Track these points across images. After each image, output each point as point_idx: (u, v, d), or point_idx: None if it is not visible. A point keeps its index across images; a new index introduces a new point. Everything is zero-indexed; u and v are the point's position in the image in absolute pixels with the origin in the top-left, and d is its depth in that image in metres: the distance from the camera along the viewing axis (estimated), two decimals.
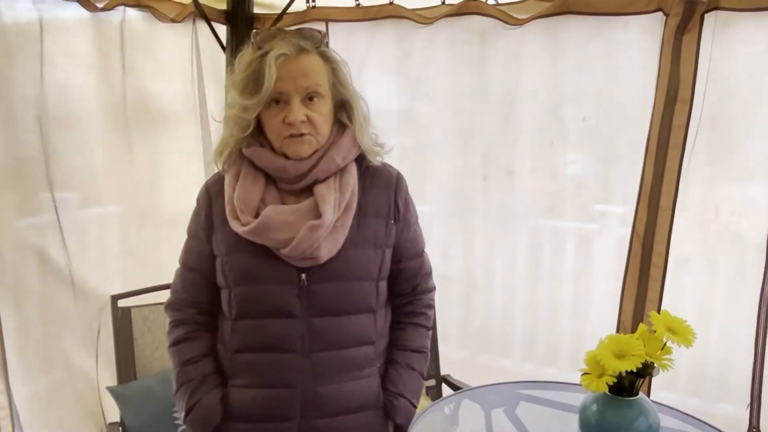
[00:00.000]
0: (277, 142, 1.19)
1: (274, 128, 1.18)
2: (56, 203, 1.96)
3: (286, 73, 1.14)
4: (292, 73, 1.15)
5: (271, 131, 1.19)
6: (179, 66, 2.37)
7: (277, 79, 1.13)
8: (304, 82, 1.16)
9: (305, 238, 1.15)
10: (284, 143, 1.18)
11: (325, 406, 1.22)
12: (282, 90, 1.15)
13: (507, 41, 2.11)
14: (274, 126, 1.18)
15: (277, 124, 1.17)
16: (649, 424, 0.99)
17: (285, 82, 1.14)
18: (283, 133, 1.17)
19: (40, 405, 1.98)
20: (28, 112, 1.86)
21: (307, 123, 1.16)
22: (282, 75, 1.13)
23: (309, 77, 1.16)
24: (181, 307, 1.30)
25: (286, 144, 1.18)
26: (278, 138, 1.18)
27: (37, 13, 1.85)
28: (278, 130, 1.17)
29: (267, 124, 1.19)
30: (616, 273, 2.06)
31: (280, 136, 1.18)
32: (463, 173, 2.31)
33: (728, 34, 1.80)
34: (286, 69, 1.14)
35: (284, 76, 1.14)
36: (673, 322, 1.01)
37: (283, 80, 1.14)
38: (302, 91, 1.16)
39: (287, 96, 1.15)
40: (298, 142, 1.17)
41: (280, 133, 1.17)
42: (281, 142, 1.18)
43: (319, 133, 1.19)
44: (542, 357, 2.26)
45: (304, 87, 1.16)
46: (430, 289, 1.39)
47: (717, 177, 1.92)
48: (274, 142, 1.20)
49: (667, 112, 1.88)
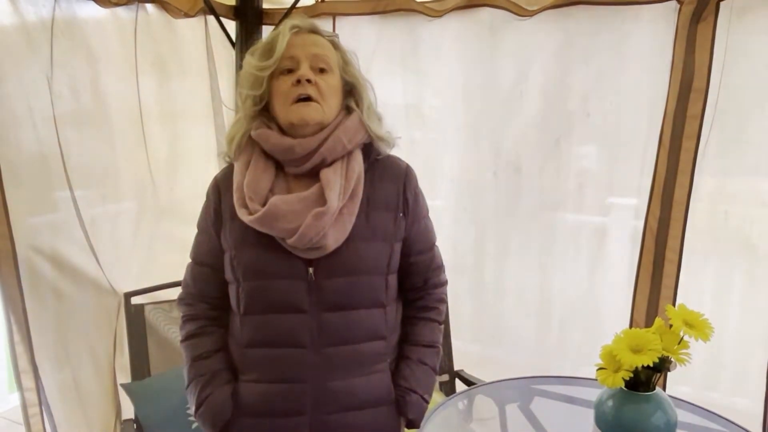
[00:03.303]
0: (284, 109, 1.20)
1: (283, 94, 1.20)
2: (75, 201, 1.97)
3: (298, 41, 1.21)
4: (304, 42, 1.22)
5: (279, 99, 1.21)
6: (193, 62, 2.37)
7: (289, 45, 1.19)
8: (314, 49, 1.21)
9: (311, 227, 1.15)
10: (291, 109, 1.19)
11: (336, 401, 1.22)
12: (292, 54, 1.20)
13: (517, 33, 2.09)
14: (283, 92, 1.20)
15: (286, 89, 1.20)
16: (666, 419, 0.98)
17: (296, 48, 1.20)
18: (292, 96, 1.19)
19: (64, 402, 2.00)
20: (43, 111, 1.87)
21: (314, 87, 1.19)
22: (293, 43, 1.20)
23: (319, 47, 1.22)
24: (193, 302, 1.31)
25: (293, 109, 1.19)
26: (286, 104, 1.20)
27: (52, 10, 1.86)
28: (287, 95, 1.19)
29: (276, 94, 1.21)
30: (628, 266, 2.03)
31: (288, 100, 1.19)
32: (472, 167, 2.29)
33: (744, 23, 1.77)
34: (299, 38, 1.21)
35: (296, 43, 1.21)
36: (691, 315, 0.99)
37: (294, 47, 1.20)
38: (312, 58, 1.21)
39: (297, 61, 1.20)
40: (305, 106, 1.19)
41: (289, 97, 1.19)
42: (288, 108, 1.19)
43: (325, 102, 1.21)
44: (554, 351, 2.24)
45: (313, 53, 1.21)
46: (441, 283, 1.38)
47: (732, 168, 1.89)
48: (281, 112, 1.21)
49: (682, 102, 1.85)
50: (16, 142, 1.82)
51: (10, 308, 1.84)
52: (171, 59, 2.28)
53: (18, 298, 1.85)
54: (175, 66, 2.30)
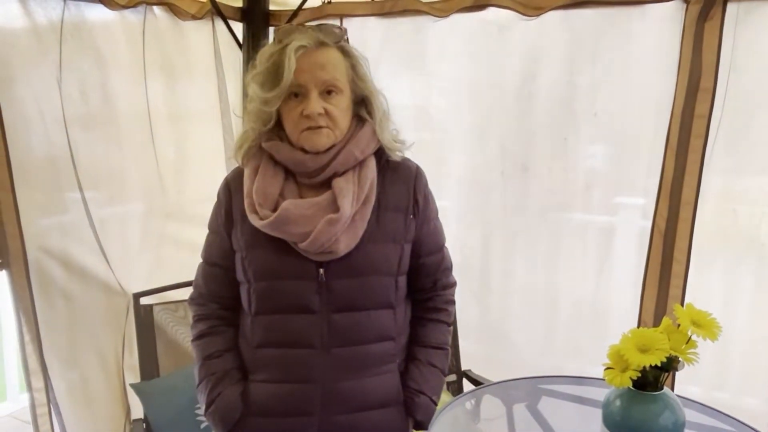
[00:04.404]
0: (295, 135, 1.19)
1: (292, 121, 1.18)
2: (85, 202, 1.98)
3: (305, 66, 1.15)
4: (311, 66, 1.15)
5: (289, 124, 1.19)
6: (200, 64, 2.38)
7: (296, 72, 1.13)
8: (322, 74, 1.16)
9: (323, 232, 1.15)
10: (302, 136, 1.18)
11: (345, 401, 1.22)
12: (300, 82, 1.15)
13: (524, 33, 2.09)
14: (292, 119, 1.18)
15: (295, 117, 1.17)
16: (675, 419, 0.98)
17: (304, 74, 1.14)
18: (301, 126, 1.17)
19: (73, 402, 2.02)
20: (53, 113, 1.88)
21: (324, 116, 1.16)
22: (301, 67, 1.14)
23: (327, 70, 1.17)
24: (204, 301, 1.31)
25: (304, 137, 1.18)
26: (296, 131, 1.18)
27: (61, 13, 1.88)
28: (296, 123, 1.17)
29: (286, 117, 1.19)
30: (635, 266, 2.03)
31: (298, 128, 1.18)
32: (480, 167, 2.29)
33: (752, 22, 1.76)
34: (305, 61, 1.15)
35: (303, 68, 1.14)
36: (698, 315, 0.99)
37: (301, 72, 1.14)
38: (321, 84, 1.16)
39: (306, 89, 1.15)
40: (316, 134, 1.17)
41: (298, 126, 1.17)
42: (299, 135, 1.18)
43: (337, 127, 1.19)
44: (562, 351, 2.24)
45: (322, 80, 1.16)
46: (450, 284, 1.38)
47: (740, 168, 1.88)
48: (291, 135, 1.20)
49: (689, 101, 1.85)
50: (27, 144, 1.84)
51: (20, 308, 1.86)
52: (179, 61, 2.29)
53: (28, 298, 1.86)
54: (183, 68, 2.32)
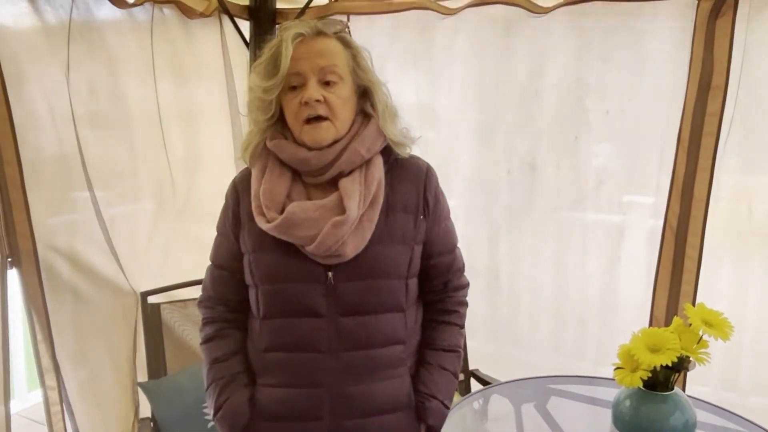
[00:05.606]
0: (297, 129, 1.18)
1: (293, 112, 1.17)
2: (95, 201, 1.99)
3: (303, 54, 1.14)
4: (309, 53, 1.15)
5: (290, 117, 1.18)
6: (208, 62, 2.39)
7: (294, 59, 1.13)
8: (320, 61, 1.15)
9: (330, 235, 1.13)
10: (303, 130, 1.17)
11: (354, 406, 1.20)
12: (299, 70, 1.14)
13: (531, 30, 2.08)
14: (293, 109, 1.17)
15: (295, 107, 1.16)
16: (685, 419, 0.97)
17: (301, 62, 1.14)
18: (301, 116, 1.16)
19: (83, 400, 2.03)
20: (63, 111, 1.89)
21: (324, 105, 1.15)
22: (298, 55, 1.13)
23: (326, 57, 1.15)
24: (211, 304, 1.30)
25: (305, 131, 1.16)
26: (297, 124, 1.17)
27: (69, 11, 1.88)
28: (297, 114, 1.16)
29: (287, 110, 1.19)
30: (646, 265, 2.02)
31: (298, 120, 1.17)
32: (487, 166, 2.28)
33: (763, 19, 1.75)
34: (303, 49, 1.14)
35: (301, 56, 1.14)
36: (710, 315, 0.98)
37: (299, 60, 1.14)
38: (319, 72, 1.15)
39: (304, 77, 1.15)
40: (316, 128, 1.16)
41: (299, 117, 1.16)
42: (300, 128, 1.17)
43: (337, 118, 1.17)
44: (571, 351, 2.23)
45: (320, 66, 1.15)
46: (463, 285, 1.34)
47: (753, 165, 1.86)
48: (293, 129, 1.19)
49: (701, 99, 1.83)
50: (37, 143, 1.84)
51: (32, 307, 1.87)
52: (187, 60, 2.29)
53: (39, 297, 1.87)
54: (192, 67, 2.32)
